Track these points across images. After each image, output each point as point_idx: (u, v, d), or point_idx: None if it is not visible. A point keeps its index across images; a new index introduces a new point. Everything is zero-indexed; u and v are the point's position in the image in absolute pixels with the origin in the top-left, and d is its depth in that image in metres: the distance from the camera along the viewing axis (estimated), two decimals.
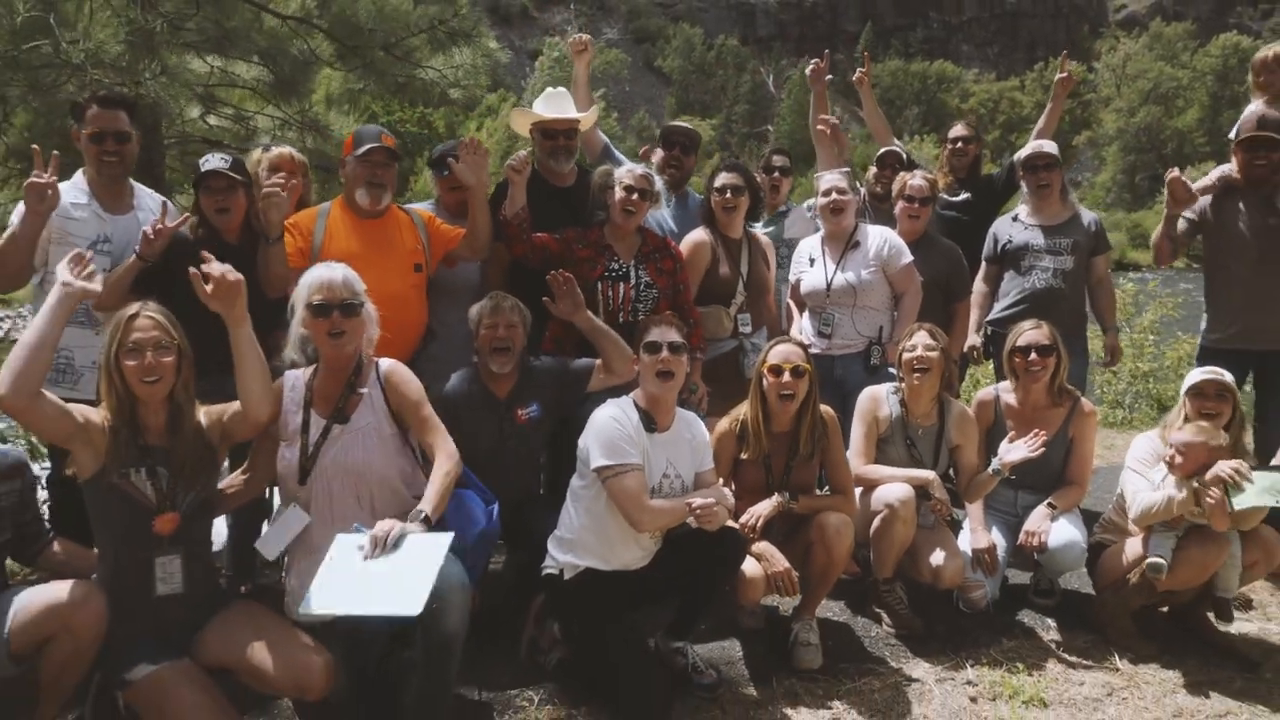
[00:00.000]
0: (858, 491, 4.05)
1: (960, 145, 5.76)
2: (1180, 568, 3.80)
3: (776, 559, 3.68)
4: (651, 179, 4.40)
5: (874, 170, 5.73)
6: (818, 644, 3.80)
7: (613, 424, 3.39)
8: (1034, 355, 4.23)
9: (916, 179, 5.05)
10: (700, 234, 4.68)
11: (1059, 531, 4.07)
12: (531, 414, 3.94)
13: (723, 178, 4.66)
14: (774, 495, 3.84)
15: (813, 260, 4.86)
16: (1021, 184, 5.28)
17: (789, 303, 5.13)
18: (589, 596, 3.45)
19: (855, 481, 4.03)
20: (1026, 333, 4.30)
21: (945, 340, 4.17)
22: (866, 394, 4.24)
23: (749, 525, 3.73)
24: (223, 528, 4.04)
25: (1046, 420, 4.28)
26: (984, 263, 5.34)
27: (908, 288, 4.74)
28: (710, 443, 3.72)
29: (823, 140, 5.47)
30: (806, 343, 4.47)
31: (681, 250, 4.57)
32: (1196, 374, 4.03)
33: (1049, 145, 5.23)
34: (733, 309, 4.67)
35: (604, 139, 5.21)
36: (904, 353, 4.13)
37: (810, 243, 4.95)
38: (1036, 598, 4.38)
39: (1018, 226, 5.20)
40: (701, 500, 3.32)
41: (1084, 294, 5.20)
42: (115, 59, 4.88)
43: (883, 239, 4.75)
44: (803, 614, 3.88)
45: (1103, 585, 4.16)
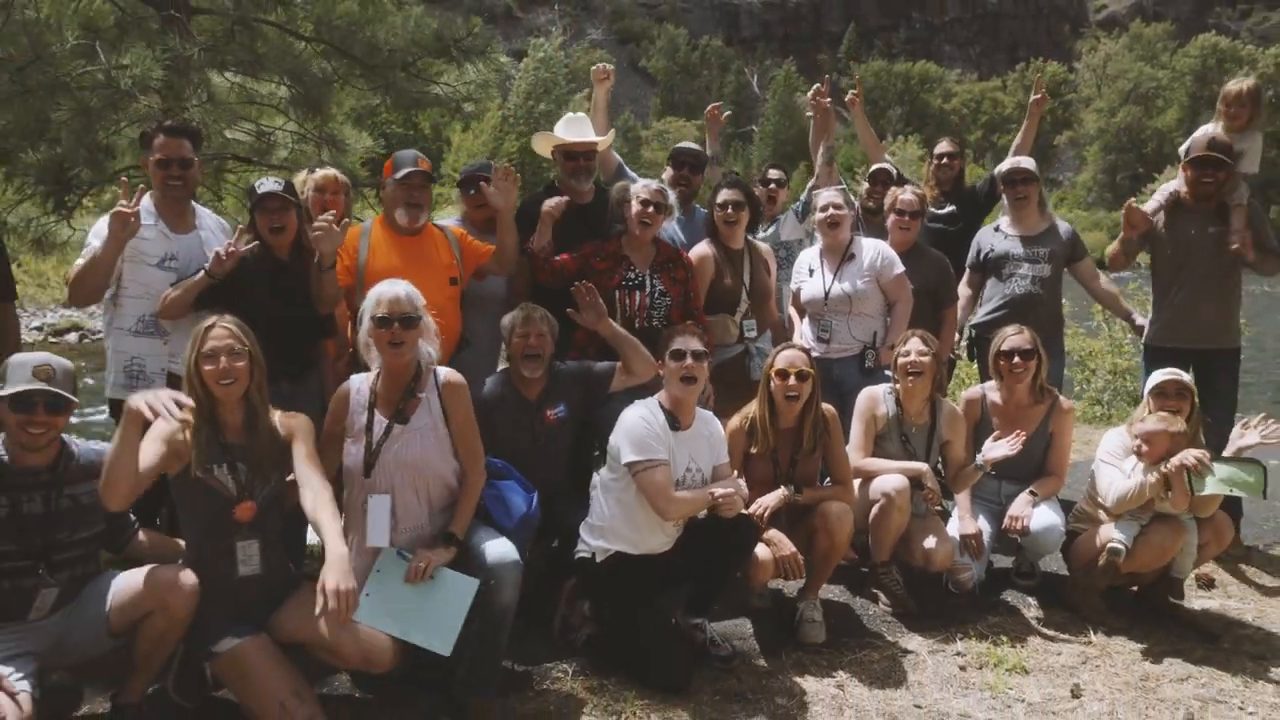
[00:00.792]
0: (857, 483, 4.46)
1: (945, 160, 6.18)
2: (1141, 552, 4.23)
3: (785, 544, 4.08)
4: (665, 193, 4.78)
5: (865, 186, 6.14)
6: (821, 621, 4.20)
7: (641, 423, 3.78)
8: (1017, 359, 4.64)
9: (907, 194, 5.45)
10: (704, 247, 5.06)
11: (1040, 516, 4.49)
12: (559, 414, 4.31)
13: (724, 194, 5.03)
14: (780, 488, 4.23)
15: (812, 271, 5.26)
16: (1003, 197, 5.71)
17: (790, 309, 5.52)
18: (618, 578, 3.85)
19: (855, 473, 4.44)
20: (1010, 338, 4.70)
21: (937, 345, 4.58)
22: (865, 394, 4.64)
23: (758, 515, 4.11)
24: None
25: (1028, 417, 4.70)
26: (967, 269, 5.76)
27: (900, 296, 5.14)
28: (724, 438, 4.12)
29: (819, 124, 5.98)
30: (807, 347, 4.87)
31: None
32: (1158, 375, 4.46)
33: (1026, 161, 5.65)
34: (737, 316, 5.06)
35: (617, 158, 5.60)
36: (899, 357, 4.53)
37: (809, 254, 5.35)
38: (1018, 579, 4.80)
39: (999, 236, 5.61)
40: (723, 490, 3.74)
41: (1060, 299, 5.61)
42: (159, 84, 5.21)
43: (876, 251, 5.15)
44: (807, 594, 4.28)
45: (1075, 568, 4.59)
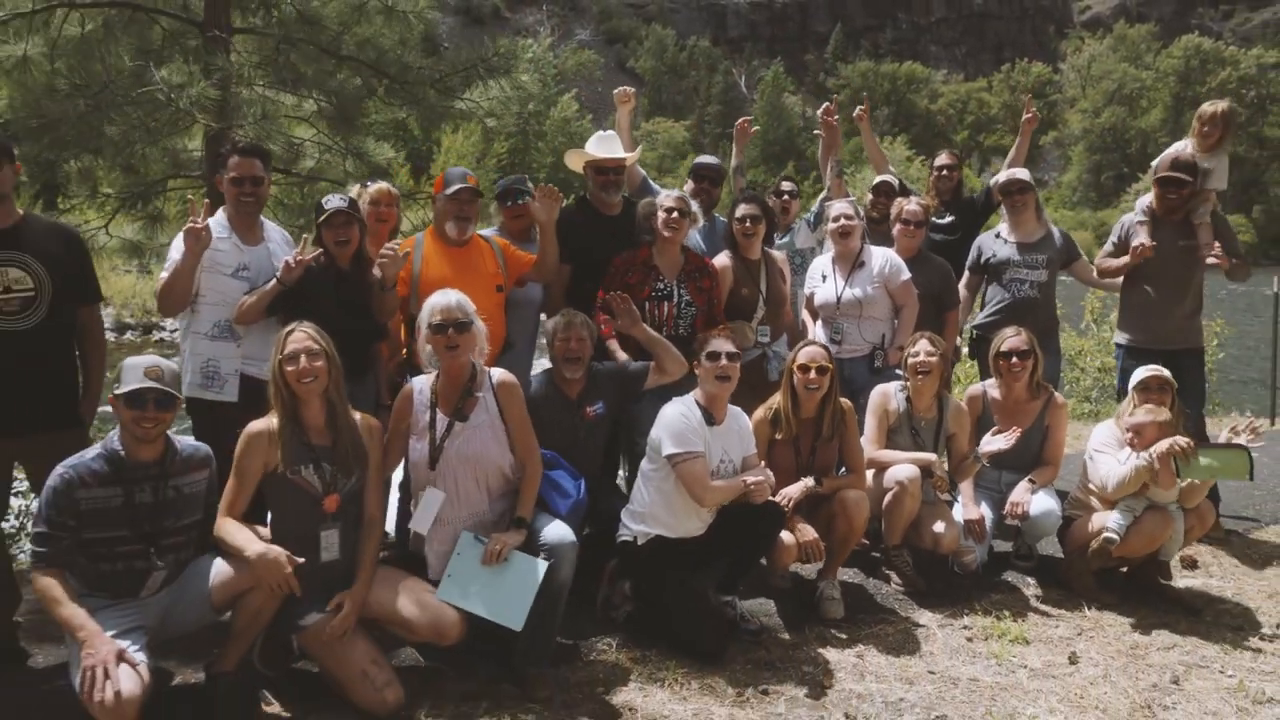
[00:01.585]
0: (870, 473, 4.86)
1: (945, 172, 6.59)
2: (1133, 538, 4.65)
3: (807, 530, 4.48)
4: (688, 201, 5.16)
5: (870, 198, 6.54)
6: (840, 598, 4.60)
7: (680, 419, 4.17)
8: (1015, 359, 5.05)
9: (912, 204, 5.85)
10: (724, 258, 5.44)
11: (1038, 502, 4.90)
12: (598, 411, 4.68)
13: (743, 209, 5.41)
14: (803, 480, 4.62)
15: (825, 277, 5.65)
16: (1001, 206, 6.13)
17: (804, 313, 5.92)
18: (658, 558, 4.24)
19: (869, 464, 4.85)
20: (1009, 339, 5.11)
21: (944, 346, 5.00)
22: (878, 391, 5.05)
23: (783, 504, 4.49)
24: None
25: (1026, 412, 5.12)
26: (966, 271, 6.17)
27: (906, 301, 5.55)
28: (752, 431, 4.51)
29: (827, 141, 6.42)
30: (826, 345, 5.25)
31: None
32: (1141, 371, 4.91)
33: (1021, 172, 6.08)
34: (754, 322, 5.45)
35: (641, 173, 5.99)
36: (909, 358, 4.94)
37: (822, 261, 5.75)
38: (1018, 561, 5.22)
39: (999, 243, 6.03)
40: (754, 478, 4.13)
41: (1055, 301, 6.04)
42: (213, 103, 5.58)
43: (885, 259, 5.56)
44: (826, 574, 4.68)
45: (1070, 550, 5.00)
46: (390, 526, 4.42)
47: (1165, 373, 4.90)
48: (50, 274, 3.92)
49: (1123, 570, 5.04)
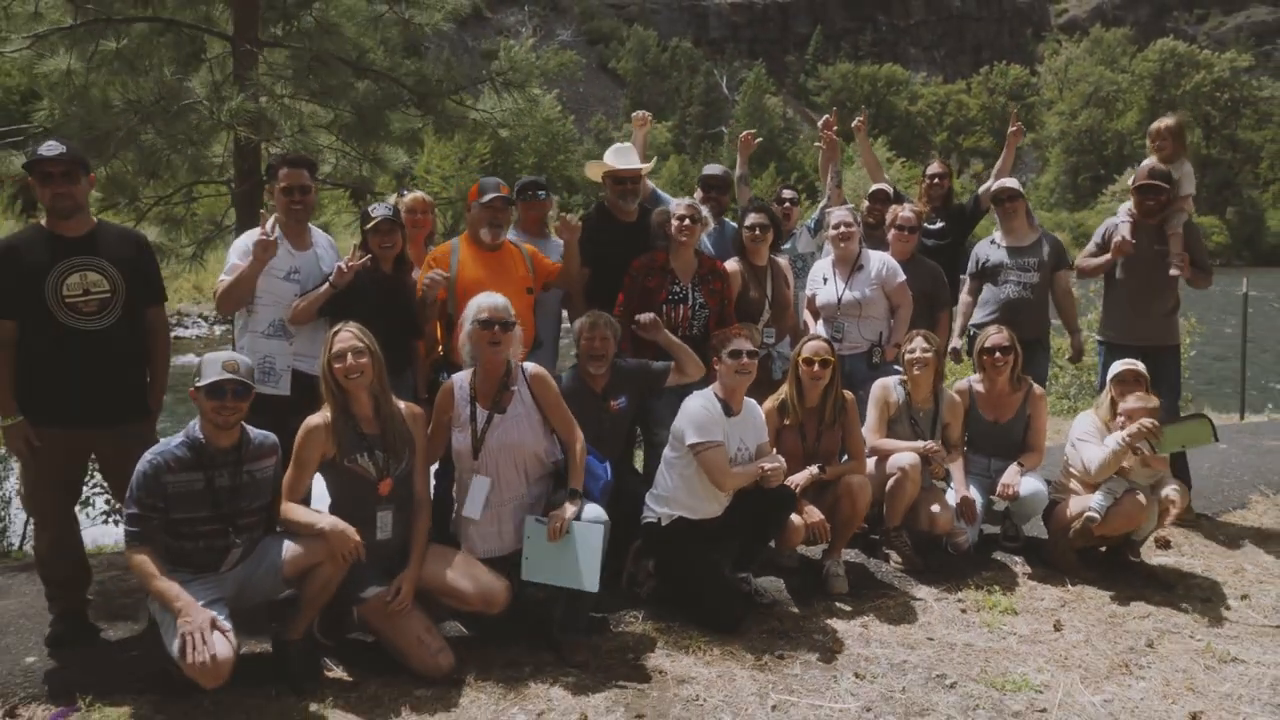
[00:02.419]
0: (872, 460, 5.28)
1: (936, 180, 7.00)
2: (1112, 519, 5.07)
3: (814, 512, 4.90)
4: (699, 208, 5.55)
5: (866, 205, 6.95)
6: (844, 575, 5.01)
7: (702, 410, 4.57)
8: (997, 354, 5.48)
9: (906, 211, 6.26)
10: (733, 264, 5.84)
11: (1027, 484, 5.34)
12: (621, 405, 5.07)
13: (751, 218, 5.81)
14: (809, 468, 5.02)
15: (825, 279, 6.06)
16: (990, 212, 6.57)
17: (805, 313, 6.32)
18: (680, 537, 4.64)
19: (871, 451, 5.27)
20: (991, 337, 5.55)
21: (939, 342, 5.43)
22: (879, 384, 5.47)
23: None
24: None
25: (1008, 403, 5.59)
26: (967, 278, 6.59)
27: (902, 301, 5.96)
28: (764, 421, 4.92)
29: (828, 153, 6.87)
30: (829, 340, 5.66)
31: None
32: (1117, 365, 5.39)
33: (1010, 181, 6.52)
34: (760, 324, 5.85)
35: (652, 185, 6.37)
36: (906, 354, 5.37)
37: (823, 264, 6.16)
38: (1005, 542, 5.66)
39: (993, 248, 6.44)
40: (770, 464, 4.53)
41: (1048, 303, 6.47)
42: (251, 116, 5.93)
43: (882, 263, 5.97)
44: (831, 554, 5.09)
45: (1054, 531, 5.43)
46: None
47: (1139, 366, 5.37)
48: (123, 276, 4.24)
49: (1102, 550, 5.47)
